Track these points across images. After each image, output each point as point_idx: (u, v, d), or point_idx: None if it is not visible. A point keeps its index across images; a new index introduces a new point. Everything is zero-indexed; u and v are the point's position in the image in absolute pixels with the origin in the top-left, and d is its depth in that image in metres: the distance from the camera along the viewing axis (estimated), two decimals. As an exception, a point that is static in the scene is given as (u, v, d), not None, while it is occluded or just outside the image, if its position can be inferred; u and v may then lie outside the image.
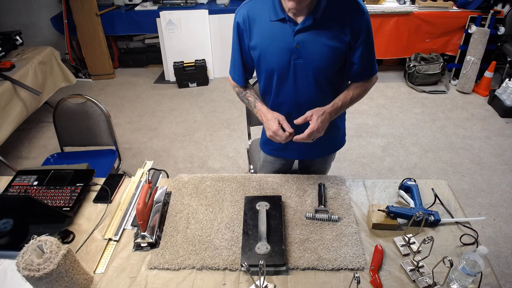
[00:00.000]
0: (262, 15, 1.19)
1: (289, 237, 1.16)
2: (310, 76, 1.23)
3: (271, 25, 1.17)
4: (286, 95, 1.30)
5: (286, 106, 1.32)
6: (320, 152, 1.54)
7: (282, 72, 1.24)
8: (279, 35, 1.17)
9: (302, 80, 1.24)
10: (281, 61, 1.21)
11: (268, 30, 1.19)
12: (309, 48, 1.17)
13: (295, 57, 1.19)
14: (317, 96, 1.27)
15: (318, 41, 1.16)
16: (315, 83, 1.25)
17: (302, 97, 1.28)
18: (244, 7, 1.22)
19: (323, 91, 1.27)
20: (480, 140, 2.98)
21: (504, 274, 1.95)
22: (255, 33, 1.21)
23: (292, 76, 1.24)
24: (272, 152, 1.57)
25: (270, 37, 1.19)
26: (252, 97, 1.35)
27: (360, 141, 3.03)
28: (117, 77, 4.28)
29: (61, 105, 2.05)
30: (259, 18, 1.19)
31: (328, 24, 1.15)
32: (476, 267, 0.95)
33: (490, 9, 3.36)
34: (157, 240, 1.17)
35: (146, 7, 3.90)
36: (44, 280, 0.91)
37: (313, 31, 1.15)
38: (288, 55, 1.19)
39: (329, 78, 1.26)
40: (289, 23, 1.15)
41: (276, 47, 1.19)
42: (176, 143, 3.11)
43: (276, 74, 1.25)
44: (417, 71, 3.62)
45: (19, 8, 4.23)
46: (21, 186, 1.39)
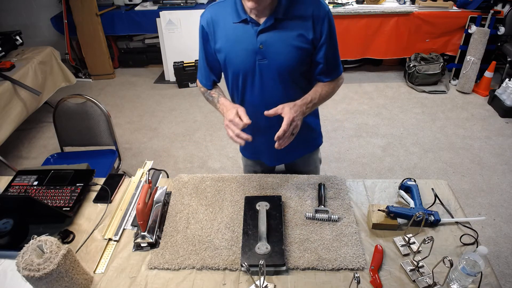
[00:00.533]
0: (226, 18, 1.19)
1: (289, 237, 1.16)
2: (276, 77, 1.23)
3: (234, 27, 1.18)
4: (253, 96, 1.30)
5: (254, 107, 1.30)
6: (296, 154, 1.53)
7: (248, 73, 1.24)
8: (242, 37, 1.18)
9: (268, 80, 1.24)
10: (246, 63, 1.21)
11: (231, 33, 1.19)
12: (273, 48, 1.17)
13: (260, 58, 1.19)
14: (284, 97, 1.25)
15: (281, 41, 1.16)
16: (281, 84, 1.25)
17: (269, 97, 1.28)
18: (208, 11, 1.23)
19: (290, 92, 1.27)
20: (480, 140, 2.98)
21: (504, 274, 1.95)
22: (219, 36, 1.21)
23: (258, 77, 1.24)
24: (251, 156, 1.58)
25: (234, 39, 1.19)
26: (215, 93, 1.35)
27: (360, 141, 3.03)
28: (117, 77, 4.28)
29: (61, 105, 2.06)
30: (222, 21, 1.20)
31: (291, 23, 1.15)
32: (476, 267, 0.94)
33: (490, 9, 3.36)
34: (157, 240, 1.17)
35: (146, 7, 3.90)
36: (44, 280, 0.91)
37: (275, 31, 1.15)
38: (253, 56, 1.19)
39: (296, 79, 1.26)
40: (251, 24, 1.16)
41: (240, 49, 1.19)
42: (176, 143, 3.11)
43: (242, 76, 1.25)
44: (417, 71, 3.62)
45: (19, 8, 4.23)
46: (21, 186, 1.39)
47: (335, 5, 3.53)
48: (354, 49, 3.71)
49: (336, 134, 3.11)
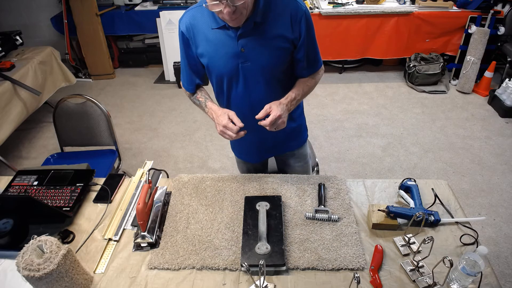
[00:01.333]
0: (204, 22, 1.19)
1: (289, 237, 1.16)
2: (260, 78, 1.25)
3: (214, 32, 1.19)
4: (238, 98, 1.31)
5: (240, 109, 1.31)
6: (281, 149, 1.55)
7: (232, 76, 1.25)
8: (223, 41, 1.18)
9: (252, 82, 1.26)
10: (229, 66, 1.22)
11: (211, 37, 1.19)
12: (254, 51, 1.19)
13: (242, 61, 1.20)
14: (268, 96, 1.28)
15: (261, 43, 1.18)
16: (265, 84, 1.27)
17: (255, 98, 1.30)
18: (186, 16, 1.23)
19: (273, 90, 1.30)
20: (480, 140, 2.98)
21: (504, 274, 1.95)
22: (200, 41, 1.22)
23: (242, 79, 1.25)
24: (240, 156, 1.62)
25: (215, 44, 1.20)
26: (202, 97, 1.36)
27: (360, 141, 3.03)
28: (117, 77, 4.28)
29: (61, 105, 2.06)
30: (201, 26, 1.20)
31: (269, 25, 1.17)
32: (476, 267, 0.95)
33: (490, 9, 3.36)
34: (157, 240, 1.17)
35: (146, 7, 3.90)
36: (44, 280, 0.91)
37: (255, 33, 1.16)
38: (235, 59, 1.20)
39: (278, 77, 1.29)
40: (231, 29, 1.16)
41: (222, 53, 1.20)
42: (176, 143, 3.11)
43: (226, 79, 1.27)
44: (417, 71, 3.62)
45: (19, 8, 4.23)
46: (21, 186, 1.39)
47: (335, 5, 3.53)
48: (354, 49, 3.71)
49: (336, 134, 3.11)
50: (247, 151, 1.56)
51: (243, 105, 1.32)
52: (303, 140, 1.59)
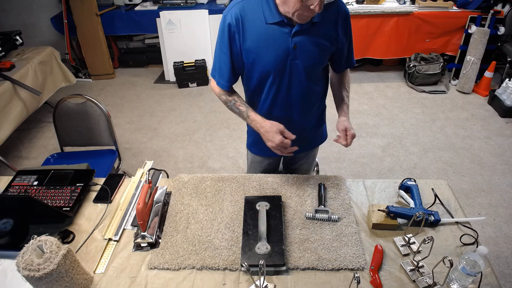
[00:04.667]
0: (256, 16, 1.16)
1: (289, 237, 1.16)
2: (304, 75, 1.27)
3: (267, 27, 1.17)
4: (279, 95, 1.32)
5: (278, 106, 1.34)
6: (307, 146, 1.59)
7: (278, 73, 1.25)
8: (275, 37, 1.18)
9: (296, 79, 1.28)
10: (278, 63, 1.22)
11: (263, 32, 1.17)
12: (305, 49, 1.20)
13: (292, 58, 1.21)
14: (307, 92, 1.34)
15: (313, 42, 1.20)
16: (307, 81, 1.29)
17: (295, 95, 1.32)
18: (235, 8, 1.17)
19: (312, 86, 1.34)
20: (480, 140, 2.98)
21: (504, 274, 1.95)
22: (249, 35, 1.18)
23: (287, 76, 1.26)
24: (261, 152, 1.58)
25: (266, 39, 1.18)
26: (243, 106, 1.30)
27: (360, 141, 3.03)
28: (117, 77, 4.28)
29: (61, 105, 2.05)
30: (252, 20, 1.16)
31: (323, 26, 1.20)
32: (476, 267, 0.95)
33: (490, 9, 3.36)
34: (157, 240, 1.17)
35: (146, 7, 3.90)
36: (44, 280, 0.91)
37: (309, 32, 1.18)
38: (285, 56, 1.21)
39: (318, 74, 1.33)
40: (286, 25, 1.17)
41: (273, 49, 1.19)
42: (176, 143, 3.11)
43: (272, 76, 1.26)
44: (417, 71, 3.62)
45: (19, 8, 4.23)
46: (21, 186, 1.39)
47: (335, 5, 3.53)
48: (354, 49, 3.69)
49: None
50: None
51: (281, 102, 1.34)
52: (321, 140, 1.64)
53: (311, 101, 1.39)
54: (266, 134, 1.23)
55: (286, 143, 1.20)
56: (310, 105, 1.40)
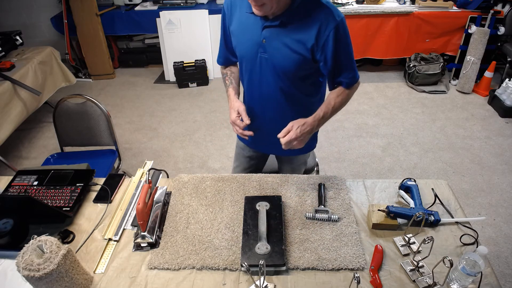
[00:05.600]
0: (242, 3, 1.24)
1: (289, 237, 1.16)
2: (273, 73, 1.27)
3: (247, 16, 1.23)
4: (253, 85, 1.36)
5: (252, 95, 1.40)
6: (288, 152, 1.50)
7: (250, 62, 1.30)
8: (251, 27, 1.23)
9: (266, 74, 1.29)
10: (250, 52, 1.27)
11: (244, 20, 1.25)
12: (273, 46, 1.21)
13: (262, 51, 1.24)
14: (279, 94, 1.32)
15: (280, 40, 1.20)
16: (278, 81, 1.28)
17: (265, 91, 1.34)
18: None
19: (287, 92, 1.31)
20: (480, 140, 2.98)
21: (504, 274, 1.95)
22: (234, 20, 1.29)
23: (259, 69, 1.29)
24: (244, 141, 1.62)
25: (244, 27, 1.26)
26: (228, 81, 1.43)
27: (360, 141, 3.03)
28: (117, 77, 4.28)
29: (61, 105, 2.05)
30: (239, 7, 1.26)
31: (294, 28, 1.18)
32: (476, 267, 0.94)
33: (490, 9, 3.36)
34: (157, 240, 1.17)
35: (146, 7, 3.90)
36: (44, 280, 0.91)
37: (279, 30, 1.19)
38: (256, 47, 1.24)
39: (294, 82, 1.28)
40: (260, 18, 1.20)
41: (248, 37, 1.25)
42: (176, 143, 3.11)
43: (245, 63, 1.33)
44: (417, 71, 3.62)
45: (19, 8, 4.23)
46: (21, 186, 1.39)
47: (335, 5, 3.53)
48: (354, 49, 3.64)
49: (336, 134, 3.11)
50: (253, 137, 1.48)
51: (255, 93, 1.38)
52: (310, 148, 1.59)
53: (286, 104, 1.34)
54: (230, 110, 1.35)
55: (238, 123, 1.29)
56: (285, 108, 1.36)
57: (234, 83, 1.42)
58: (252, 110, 1.40)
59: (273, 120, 1.40)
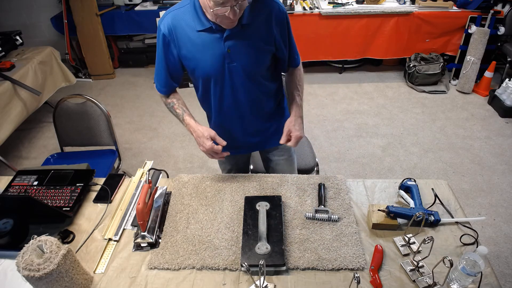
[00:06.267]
0: (187, 24, 1.19)
1: (289, 237, 1.16)
2: (245, 77, 1.28)
3: (199, 35, 1.19)
4: (226, 97, 1.34)
5: (227, 107, 1.37)
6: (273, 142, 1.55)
7: (218, 77, 1.27)
8: (209, 43, 1.19)
9: (238, 81, 1.29)
10: (216, 67, 1.24)
11: (196, 40, 1.20)
12: (240, 52, 1.21)
13: (228, 61, 1.22)
14: (253, 94, 1.34)
15: (247, 44, 1.20)
16: (250, 82, 1.30)
17: (241, 97, 1.34)
18: (167, 18, 1.21)
19: (258, 88, 1.35)
20: (480, 140, 2.98)
21: (504, 274, 1.95)
22: (184, 43, 1.21)
23: (229, 79, 1.27)
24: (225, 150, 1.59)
25: (201, 46, 1.20)
26: (180, 109, 1.38)
27: (360, 141, 3.03)
28: (117, 77, 4.28)
29: (61, 105, 2.06)
30: (185, 28, 1.19)
31: (255, 27, 1.19)
32: (476, 267, 0.95)
33: (490, 9, 3.36)
34: (157, 240, 1.17)
35: (146, 7, 3.90)
36: (44, 280, 0.91)
37: (241, 35, 1.18)
38: (221, 60, 1.22)
39: (262, 74, 1.33)
40: (217, 31, 1.17)
41: (208, 54, 1.21)
42: (176, 143, 3.11)
43: (213, 79, 1.29)
44: (417, 71, 3.62)
45: (19, 8, 4.23)
46: (21, 186, 1.39)
47: (335, 5, 3.53)
48: (354, 49, 3.71)
49: (336, 134, 3.11)
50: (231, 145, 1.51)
51: (230, 103, 1.36)
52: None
53: (261, 99, 1.39)
54: (198, 139, 1.32)
55: (216, 149, 1.29)
56: (261, 104, 1.41)
57: (186, 109, 1.38)
58: (230, 122, 1.40)
59: (251, 120, 1.42)
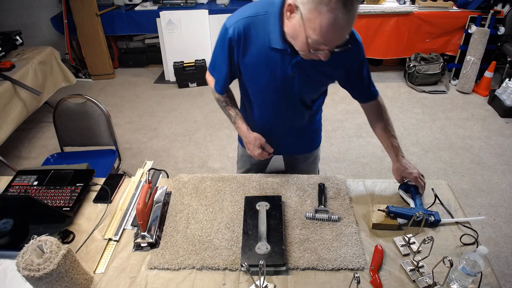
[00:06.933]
0: (260, 36, 1.12)
1: (289, 237, 1.16)
2: (297, 99, 1.29)
3: (269, 51, 1.13)
4: (270, 110, 1.34)
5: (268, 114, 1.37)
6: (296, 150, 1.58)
7: (272, 94, 1.26)
8: (275, 62, 1.15)
9: (290, 102, 1.30)
10: (273, 86, 1.22)
11: (264, 54, 1.14)
12: (303, 78, 1.20)
13: (289, 84, 1.21)
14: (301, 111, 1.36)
15: (312, 73, 1.19)
16: (301, 104, 1.33)
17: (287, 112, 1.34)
18: (240, 23, 1.12)
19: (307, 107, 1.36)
20: (480, 140, 2.98)
21: (504, 274, 1.95)
22: (250, 53, 1.16)
23: (282, 99, 1.28)
24: None
25: (265, 62, 1.16)
26: (233, 111, 1.37)
27: (360, 141, 3.03)
28: (117, 77, 4.28)
29: (61, 105, 2.06)
30: (256, 39, 1.13)
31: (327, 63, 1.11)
32: (476, 267, 0.94)
33: (490, 9, 3.36)
34: (157, 240, 1.17)
35: (146, 7, 3.90)
36: (44, 280, 0.91)
37: (309, 63, 1.13)
38: (281, 81, 1.20)
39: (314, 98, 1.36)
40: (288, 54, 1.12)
41: (271, 72, 1.18)
42: (176, 143, 3.11)
43: (264, 95, 1.28)
44: (417, 71, 3.62)
45: (19, 8, 4.23)
46: (21, 186, 1.39)
47: (335, 5, 3.53)
48: (354, 49, 3.71)
49: (336, 134, 3.11)
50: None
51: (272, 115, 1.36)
52: (318, 143, 1.62)
53: (303, 115, 1.40)
54: (248, 145, 1.36)
55: (264, 155, 1.35)
56: (304, 118, 1.42)
57: (238, 111, 1.37)
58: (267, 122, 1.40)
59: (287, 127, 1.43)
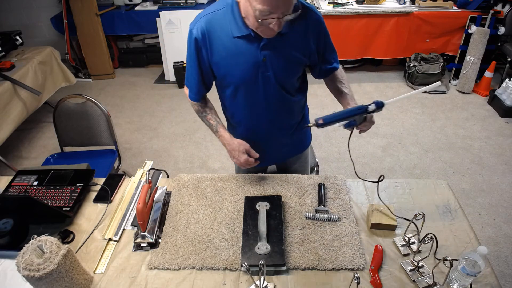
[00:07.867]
0: (223, 30, 1.14)
1: (289, 237, 1.16)
2: (278, 87, 1.26)
3: (234, 41, 1.14)
4: (256, 106, 1.31)
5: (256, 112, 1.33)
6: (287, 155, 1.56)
7: (250, 85, 1.24)
8: (244, 50, 1.16)
9: (270, 90, 1.26)
10: (249, 75, 1.21)
11: (231, 46, 1.15)
12: (275, 60, 1.19)
13: (263, 70, 1.20)
14: (286, 99, 1.32)
15: (283, 53, 1.18)
16: (283, 90, 1.28)
17: (273, 105, 1.31)
18: (201, 21, 1.15)
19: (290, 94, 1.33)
20: (480, 140, 2.98)
21: (504, 274, 1.95)
22: (217, 49, 1.17)
23: (262, 88, 1.25)
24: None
25: (235, 52, 1.16)
26: (214, 120, 1.35)
27: (360, 141, 3.03)
28: (117, 77, 4.28)
29: (61, 105, 2.06)
30: (219, 33, 1.15)
31: (293, 37, 1.17)
32: (476, 267, 0.95)
33: (490, 9, 3.36)
34: (157, 240, 1.17)
35: (146, 7, 3.90)
36: (44, 280, 0.91)
37: (278, 44, 1.15)
38: (255, 68, 1.19)
39: (293, 85, 1.32)
40: (254, 39, 1.14)
41: (242, 62, 1.18)
42: (176, 143, 3.11)
43: (244, 88, 1.26)
44: (417, 71, 3.62)
45: (19, 8, 4.23)
46: (21, 186, 1.39)
47: (335, 5, 3.53)
48: (354, 49, 3.71)
49: (336, 134, 3.11)
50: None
51: (259, 111, 1.32)
52: (307, 144, 1.60)
53: (292, 108, 1.37)
54: (233, 152, 1.31)
55: (250, 161, 1.30)
56: (291, 112, 1.39)
57: (220, 121, 1.36)
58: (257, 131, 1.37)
59: (270, 132, 1.40)
